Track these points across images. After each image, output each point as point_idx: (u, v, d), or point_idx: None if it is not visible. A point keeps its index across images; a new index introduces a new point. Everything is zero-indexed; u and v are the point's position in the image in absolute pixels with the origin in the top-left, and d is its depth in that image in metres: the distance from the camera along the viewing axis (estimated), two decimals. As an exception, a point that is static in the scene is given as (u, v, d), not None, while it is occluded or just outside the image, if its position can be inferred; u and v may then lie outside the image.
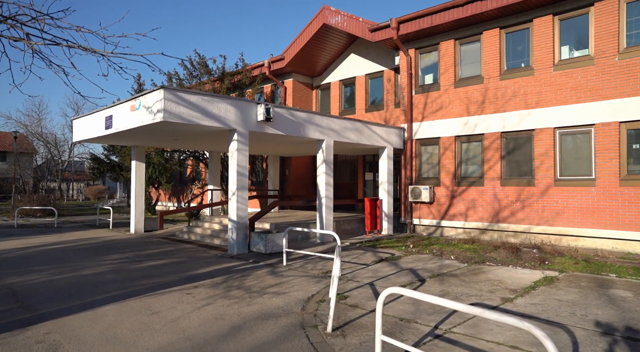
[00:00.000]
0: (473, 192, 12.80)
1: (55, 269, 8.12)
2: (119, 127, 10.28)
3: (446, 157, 13.47)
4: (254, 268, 8.21)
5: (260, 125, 10.23)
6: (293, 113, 10.97)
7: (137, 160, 13.89)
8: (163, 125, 9.20)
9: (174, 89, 8.71)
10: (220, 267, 8.32)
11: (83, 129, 12.28)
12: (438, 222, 13.54)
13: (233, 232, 9.82)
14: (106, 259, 9.14)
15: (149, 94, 8.94)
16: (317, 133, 11.58)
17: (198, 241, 12.04)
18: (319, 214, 11.83)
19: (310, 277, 7.39)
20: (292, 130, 10.92)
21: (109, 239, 12.35)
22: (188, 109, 8.88)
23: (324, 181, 11.78)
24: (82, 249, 10.53)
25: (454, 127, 13.25)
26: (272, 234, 9.68)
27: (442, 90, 13.56)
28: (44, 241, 12.03)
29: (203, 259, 9.21)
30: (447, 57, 13.44)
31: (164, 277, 7.44)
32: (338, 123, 12.21)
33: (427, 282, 7.00)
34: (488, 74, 12.52)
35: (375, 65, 16.93)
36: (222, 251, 10.27)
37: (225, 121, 9.54)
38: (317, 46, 17.06)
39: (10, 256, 9.54)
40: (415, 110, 14.23)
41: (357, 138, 12.77)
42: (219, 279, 7.22)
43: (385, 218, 13.76)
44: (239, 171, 9.82)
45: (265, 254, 9.64)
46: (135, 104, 9.46)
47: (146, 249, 10.63)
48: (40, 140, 38.01)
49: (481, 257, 9.11)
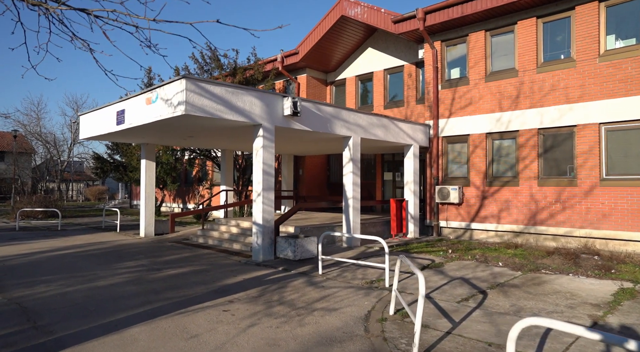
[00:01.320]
0: (507, 192, 12.01)
1: (67, 279, 7.28)
2: (132, 123, 9.44)
3: (476, 155, 12.68)
4: (288, 278, 7.39)
5: (287, 120, 9.41)
6: (320, 107, 10.16)
7: (147, 159, 13.03)
8: (183, 120, 8.38)
9: (196, 79, 7.88)
10: (250, 276, 7.48)
11: (91, 126, 11.42)
12: (467, 224, 12.74)
13: (258, 236, 8.99)
14: (120, 267, 8.30)
15: (168, 84, 8.11)
16: (344, 129, 10.78)
17: (216, 245, 11.20)
18: (346, 216, 11.02)
19: (355, 289, 6.58)
20: (318, 126, 10.11)
21: (119, 244, 11.49)
22: (211, 102, 8.05)
23: (350, 180, 10.97)
24: (92, 255, 9.68)
25: (485, 123, 12.46)
26: (302, 239, 8.86)
27: (472, 84, 12.77)
28: (49, 245, 11.16)
29: (227, 267, 8.38)
30: (477, 49, 12.65)
31: (191, 289, 6.61)
32: (365, 119, 11.41)
33: (490, 295, 6.20)
34: (523, 67, 11.74)
35: (394, 60, 16.14)
36: (245, 257, 9.44)
37: (251, 115, 8.71)
38: (333, 40, 16.25)
39: (15, 264, 8.69)
40: (442, 106, 13.44)
41: (384, 135, 11.97)
42: (254, 292, 6.39)
43: (411, 220, 12.96)
44: (265, 170, 9.00)
45: (294, 261, 8.82)
46: (152, 97, 8.63)
47: (161, 255, 9.79)
48: (39, 140, 37.03)
49: (533, 264, 8.32)
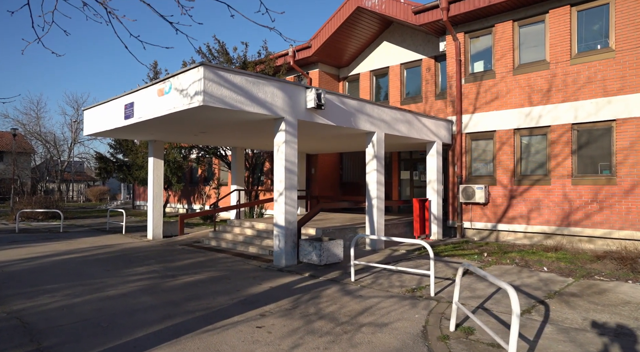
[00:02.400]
0: (537, 191, 11.32)
1: (73, 287, 6.56)
2: (142, 116, 8.73)
3: (503, 152, 11.98)
4: (319, 286, 6.67)
5: (310, 114, 8.70)
6: (344, 100, 9.45)
7: (155, 157, 12.31)
8: (200, 112, 7.67)
9: (215, 67, 7.17)
10: (276, 284, 6.77)
11: (96, 121, 10.71)
12: (494, 225, 12.04)
13: (280, 239, 8.28)
14: (131, 274, 7.58)
15: (183, 73, 7.40)
16: (368, 124, 10.07)
17: (230, 248, 10.48)
18: (369, 217, 10.31)
19: (398, 299, 5.87)
20: (342, 120, 9.40)
21: (126, 247, 10.76)
22: (231, 92, 7.35)
23: (374, 179, 10.26)
24: (99, 260, 8.96)
25: (513, 118, 11.76)
26: (327, 242, 8.15)
27: (498, 78, 12.08)
28: (52, 249, 10.43)
29: (247, 273, 7.67)
30: (504, 40, 11.95)
31: (213, 299, 5.89)
32: (389, 113, 10.71)
33: (552, 306, 5.50)
34: (555, 59, 11.05)
35: (412, 54, 15.44)
36: (264, 261, 8.73)
37: (272, 108, 8.01)
38: (347, 33, 15.54)
39: (16, 270, 7.96)
40: (466, 101, 12.74)
41: (407, 131, 11.27)
42: (286, 303, 5.68)
43: (434, 221, 12.26)
44: (288, 167, 8.29)
45: (319, 266, 8.11)
46: (165, 87, 7.92)
47: (174, 259, 9.07)
48: (38, 139, 36.29)
49: (583, 269, 7.61)
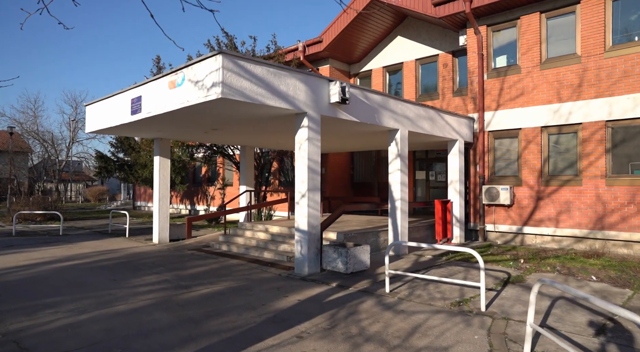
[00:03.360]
0: (567, 192, 10.68)
1: (77, 301, 5.87)
2: (150, 111, 8.04)
3: (529, 151, 11.34)
4: (352, 298, 5.99)
5: (333, 109, 8.03)
6: (367, 95, 8.78)
7: (161, 155, 11.61)
8: (217, 106, 6.97)
9: (235, 55, 6.49)
10: (304, 297, 6.09)
11: (100, 117, 10.00)
12: (519, 228, 11.39)
13: (302, 245, 7.59)
14: (141, 284, 6.88)
15: (199, 63, 6.71)
16: (392, 121, 9.40)
17: (243, 254, 9.79)
18: (392, 219, 9.65)
19: (446, 315, 5.20)
20: (366, 116, 8.73)
21: (132, 252, 10.05)
22: (251, 84, 6.66)
23: (398, 180, 9.60)
24: (104, 268, 8.25)
25: (540, 115, 11.12)
26: (354, 249, 7.47)
27: (524, 73, 11.43)
28: (51, 255, 9.72)
29: (268, 283, 6.98)
30: (530, 33, 11.31)
31: (238, 315, 5.21)
32: (412, 109, 10.04)
33: (629, 325, 4.84)
34: (587, 52, 10.41)
35: (427, 49, 14.78)
36: (283, 269, 8.04)
37: (295, 102, 7.33)
38: (359, 27, 14.88)
39: (12, 279, 7.25)
40: (488, 97, 12.09)
41: (430, 128, 10.61)
42: (321, 321, 5.00)
43: (456, 224, 11.61)
44: (311, 167, 7.60)
45: (345, 275, 7.43)
46: (177, 79, 7.23)
47: (184, 266, 8.37)
48: (36, 138, 35.50)
49: (637, 279, 6.96)
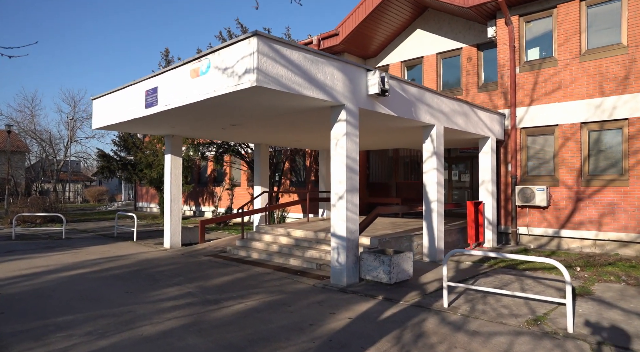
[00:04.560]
0: (610, 193, 9.95)
1: (94, 321, 5.06)
2: (168, 104, 7.24)
3: (567, 149, 10.61)
4: (409, 315, 5.21)
5: (371, 101, 7.25)
6: (404, 87, 8.01)
7: (172, 154, 10.80)
8: (248, 96, 6.19)
9: (270, 38, 5.70)
10: (354, 314, 5.30)
11: (109, 111, 9.19)
12: (556, 231, 10.66)
13: (340, 252, 6.82)
14: (162, 298, 6.09)
15: (228, 48, 5.92)
16: (428, 116, 8.65)
17: (265, 260, 9.00)
18: (427, 223, 8.90)
19: (530, 338, 4.43)
20: (403, 110, 7.97)
21: (143, 259, 9.24)
22: (288, 71, 5.88)
23: (434, 180, 8.84)
24: (117, 278, 7.44)
25: (580, 111, 10.39)
26: (397, 256, 6.70)
27: (561, 65, 10.70)
28: (56, 262, 8.89)
29: (306, 296, 6.20)
30: (569, 22, 10.58)
31: (287, 340, 4.42)
32: (448, 104, 9.29)
33: None
34: (635, 41, 9.69)
35: (450, 42, 14.03)
36: (317, 279, 7.26)
37: (332, 92, 6.55)
38: (377, 20, 14.11)
39: (16, 292, 6.43)
40: (521, 92, 11.35)
41: (465, 124, 9.86)
42: (388, 347, 4.20)
43: (488, 227, 10.87)
44: (349, 166, 6.83)
45: (388, 285, 6.67)
46: (201, 66, 6.44)
47: (206, 276, 7.57)
48: (33, 138, 34.59)
49: None
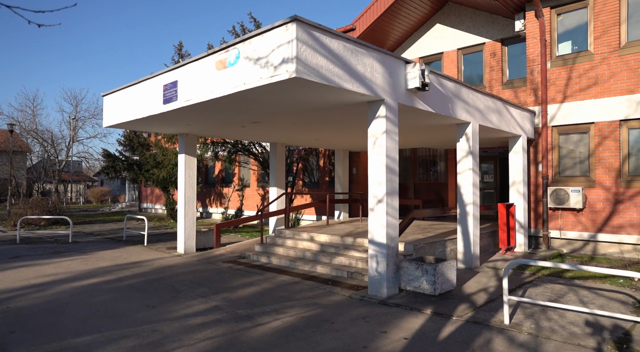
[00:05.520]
0: (652, 195, 9.38)
1: (114, 342, 4.48)
2: (190, 99, 6.66)
3: (605, 148, 10.03)
4: (470, 334, 4.63)
5: (410, 97, 6.67)
6: (442, 82, 7.43)
7: (187, 153, 10.22)
8: (285, 89, 5.59)
9: (310, 24, 5.11)
10: (408, 333, 4.71)
11: (121, 108, 8.61)
12: (592, 235, 10.09)
13: (379, 261, 6.24)
14: (188, 314, 5.50)
15: (262, 35, 5.33)
16: (464, 113, 8.07)
17: (289, 267, 8.41)
18: (462, 227, 8.32)
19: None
20: (441, 106, 7.39)
21: (159, 266, 8.65)
22: (328, 62, 5.30)
23: (469, 181, 8.26)
24: (133, 288, 6.85)
25: (619, 108, 9.82)
26: (441, 265, 6.13)
27: (597, 59, 10.13)
28: (66, 270, 8.29)
29: (346, 310, 5.62)
30: (607, 13, 10.00)
31: (339, 366, 3.86)
32: (482, 100, 8.71)
33: None
34: (678, 34, 9.12)
35: (471, 37, 13.46)
36: (352, 289, 6.68)
37: (372, 86, 5.97)
38: (395, 14, 13.52)
39: (25, 306, 5.85)
40: (552, 88, 10.77)
41: (498, 122, 9.29)
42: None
43: (520, 230, 10.29)
44: (389, 166, 6.25)
45: (432, 297, 6.09)
46: (228, 57, 5.85)
47: (231, 286, 6.97)
48: (35, 138, 34.03)
49: None
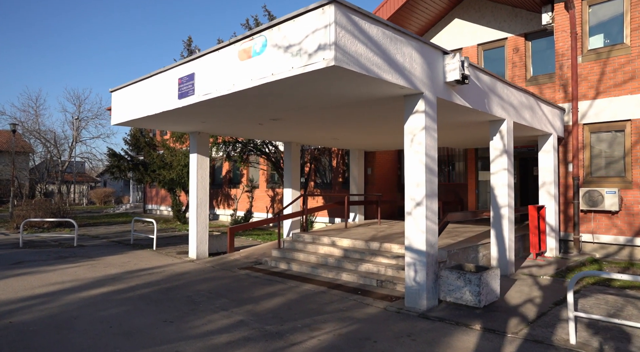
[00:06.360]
0: (694, 197, 8.82)
1: (132, 362, 3.95)
2: (209, 93, 6.12)
3: (641, 147, 9.48)
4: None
5: (448, 90, 6.13)
6: (478, 75, 6.89)
7: (199, 153, 9.68)
8: (319, 80, 5.04)
9: (348, 6, 4.58)
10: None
11: (132, 104, 8.08)
12: (628, 239, 9.52)
13: (418, 270, 5.69)
14: (210, 330, 4.96)
15: (293, 20, 4.79)
16: (500, 109, 7.52)
17: (311, 275, 7.85)
18: (496, 230, 7.76)
19: None
20: (477, 102, 6.84)
21: (171, 273, 8.10)
22: (367, 49, 4.76)
23: (504, 181, 7.71)
24: (146, 299, 6.30)
25: (656, 104, 9.27)
26: (486, 274, 5.58)
27: (635, 53, 9.57)
28: (73, 277, 7.75)
29: (385, 326, 5.07)
30: (642, 6, 9.46)
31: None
32: (516, 96, 8.16)
33: None
34: None
35: (493, 32, 12.93)
36: (385, 300, 6.13)
37: (411, 78, 5.42)
38: (413, 8, 12.99)
39: (28, 320, 5.31)
40: (584, 84, 10.22)
41: (531, 119, 8.74)
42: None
43: (550, 234, 9.74)
44: (428, 166, 5.70)
45: (476, 309, 5.54)
46: (254, 46, 5.31)
47: (253, 297, 6.41)
48: (37, 138, 33.63)
49: None
